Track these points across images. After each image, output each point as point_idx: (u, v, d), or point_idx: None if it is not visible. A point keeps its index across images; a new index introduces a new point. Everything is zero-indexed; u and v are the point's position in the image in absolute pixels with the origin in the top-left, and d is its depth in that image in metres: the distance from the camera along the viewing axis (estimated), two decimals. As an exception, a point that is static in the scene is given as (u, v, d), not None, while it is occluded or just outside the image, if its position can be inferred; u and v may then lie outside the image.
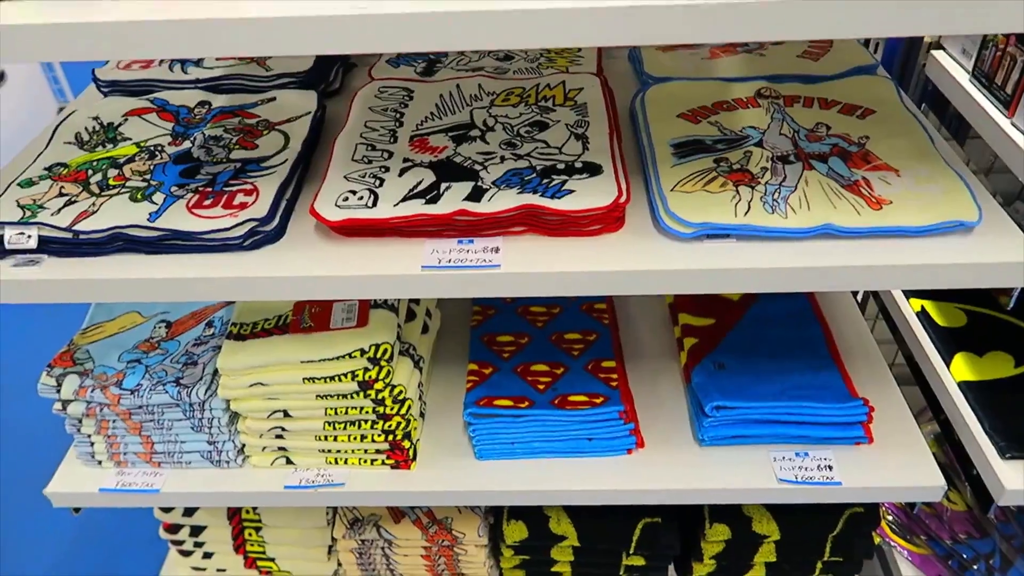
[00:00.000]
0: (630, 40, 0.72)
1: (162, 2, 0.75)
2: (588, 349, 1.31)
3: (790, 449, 1.18)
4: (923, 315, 1.42)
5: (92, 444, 1.21)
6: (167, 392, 1.13)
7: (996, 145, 1.15)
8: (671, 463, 1.19)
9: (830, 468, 1.15)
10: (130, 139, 1.11)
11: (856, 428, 1.17)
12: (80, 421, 1.18)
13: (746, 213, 0.93)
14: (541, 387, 1.24)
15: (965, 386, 1.27)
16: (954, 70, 1.27)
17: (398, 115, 1.12)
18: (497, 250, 0.93)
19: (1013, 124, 1.12)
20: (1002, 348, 1.33)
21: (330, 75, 1.26)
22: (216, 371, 1.13)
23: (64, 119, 1.16)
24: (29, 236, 0.93)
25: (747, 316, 1.34)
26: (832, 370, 1.24)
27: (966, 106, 1.22)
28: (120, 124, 1.14)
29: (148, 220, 0.94)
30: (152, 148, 1.09)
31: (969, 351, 1.33)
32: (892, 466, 1.16)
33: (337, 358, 1.08)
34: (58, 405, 1.16)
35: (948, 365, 1.32)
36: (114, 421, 1.17)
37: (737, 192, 0.96)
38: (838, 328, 1.34)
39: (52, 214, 0.96)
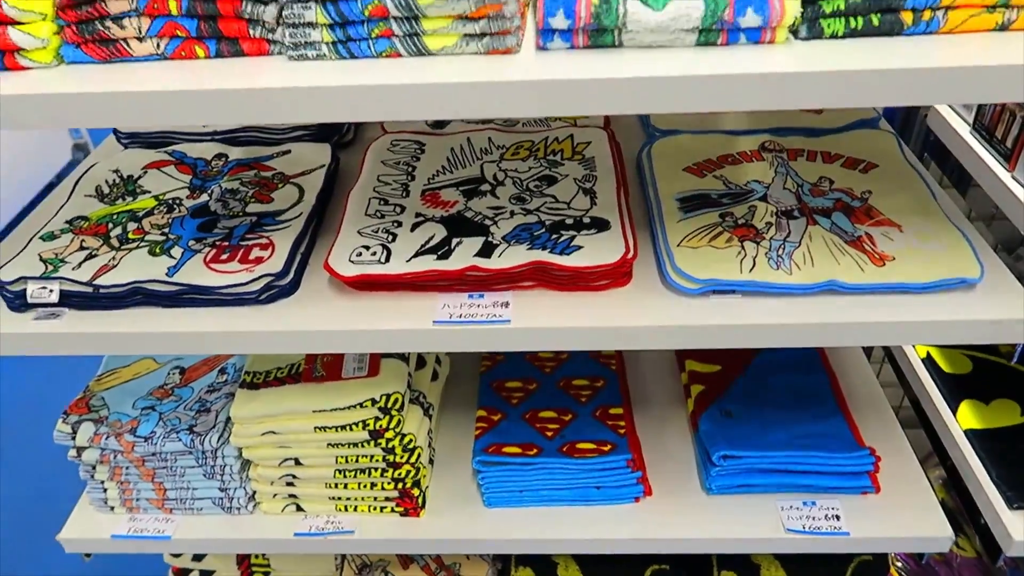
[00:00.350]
0: (636, 110, 0.74)
1: (179, 71, 0.79)
2: (596, 395, 1.33)
3: (798, 498, 1.19)
4: (929, 361, 1.43)
5: (105, 490, 1.22)
6: (180, 440, 1.14)
7: (997, 197, 1.16)
8: (679, 512, 1.19)
9: (838, 518, 1.16)
10: (149, 192, 1.14)
11: (863, 478, 1.17)
12: (94, 468, 1.19)
13: (751, 269, 0.94)
14: (549, 434, 1.25)
15: (972, 434, 1.27)
16: (955, 123, 1.29)
17: (410, 168, 1.15)
18: (507, 305, 0.94)
19: (1014, 178, 1.14)
20: (1008, 396, 1.34)
21: (343, 127, 1.29)
22: (229, 418, 1.15)
23: (86, 171, 1.19)
24: (51, 290, 0.95)
25: (754, 363, 1.35)
26: (839, 418, 1.25)
27: (967, 158, 1.24)
28: (139, 177, 1.17)
29: (166, 275, 0.96)
30: (170, 201, 1.11)
31: (975, 398, 1.34)
32: (900, 516, 1.16)
33: (348, 407, 1.10)
34: (73, 452, 1.18)
35: (954, 412, 1.33)
36: (127, 468, 1.18)
37: (742, 248, 0.98)
38: (844, 374, 1.35)
39: (73, 268, 0.98)
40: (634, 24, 0.75)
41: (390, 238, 1.00)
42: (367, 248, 0.98)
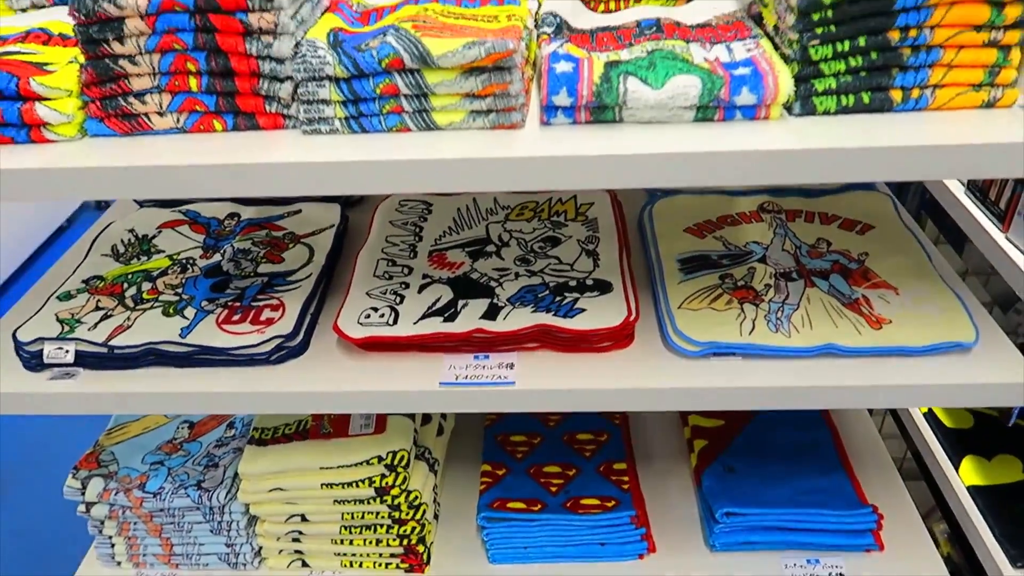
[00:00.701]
0: (638, 184, 0.77)
1: (198, 144, 0.82)
2: (600, 450, 1.34)
3: (801, 556, 1.19)
4: (930, 415, 1.44)
5: (112, 545, 1.23)
6: (188, 495, 1.15)
7: (992, 257, 1.19)
8: (683, 568, 1.19)
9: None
10: (163, 251, 1.17)
11: (866, 536, 1.18)
12: (102, 523, 1.20)
13: (751, 332, 0.96)
14: (554, 489, 1.26)
15: (975, 491, 1.28)
16: (950, 183, 1.32)
17: (417, 229, 1.18)
18: (512, 366, 0.97)
19: (1008, 238, 1.17)
20: (1010, 451, 1.35)
21: (353, 186, 1.33)
22: (236, 474, 1.16)
23: (102, 231, 1.22)
24: (67, 351, 0.98)
25: (756, 418, 1.36)
26: (841, 474, 1.25)
27: (962, 218, 1.26)
28: (154, 236, 1.20)
29: (179, 336, 0.99)
30: (184, 261, 1.14)
31: (977, 454, 1.34)
32: (904, 575, 1.16)
33: (355, 464, 1.11)
34: (82, 507, 1.19)
35: (956, 468, 1.34)
36: (135, 523, 1.19)
37: (742, 310, 1.00)
38: (846, 428, 1.36)
39: (89, 329, 1.01)
40: (634, 101, 0.78)
41: (398, 300, 1.03)
42: (375, 310, 1.01)
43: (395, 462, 1.11)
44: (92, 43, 0.80)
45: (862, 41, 0.78)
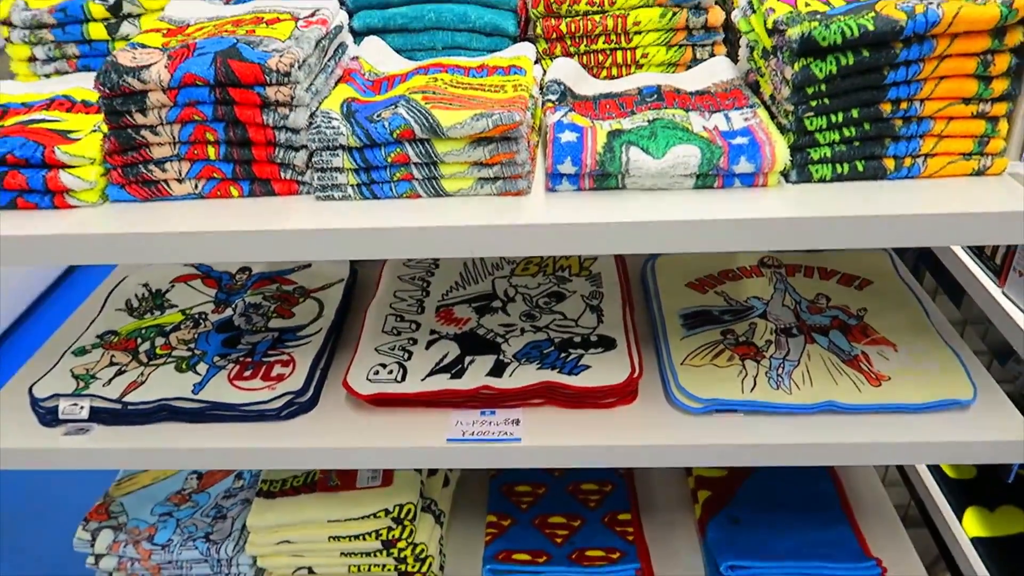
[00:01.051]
0: (640, 250, 0.80)
1: (214, 210, 0.85)
2: (604, 500, 1.35)
3: (806, 609, 1.20)
4: (934, 465, 1.44)
5: (120, 597, 1.24)
6: (196, 548, 1.16)
7: (989, 311, 1.20)
8: (688, 622, 1.20)
9: (847, 629, 1.16)
10: (176, 306, 1.20)
11: (871, 589, 1.18)
12: (111, 575, 1.21)
13: (752, 389, 0.98)
14: (559, 540, 1.27)
15: (978, 543, 1.28)
16: (946, 236, 1.34)
17: (425, 283, 1.21)
18: (518, 422, 0.98)
19: (1004, 293, 1.19)
20: (1013, 503, 1.35)
21: (361, 239, 1.36)
22: (244, 526, 1.17)
23: (117, 285, 1.25)
24: (82, 407, 1.00)
25: (760, 468, 1.37)
26: (845, 526, 1.26)
27: (960, 272, 1.28)
28: (167, 291, 1.23)
29: (192, 392, 1.01)
30: (196, 316, 1.17)
31: (980, 505, 1.35)
32: (908, 629, 1.17)
33: (362, 518, 1.12)
34: (91, 559, 1.20)
35: (960, 518, 1.34)
36: (143, 575, 1.20)
37: (743, 367, 1.02)
38: (850, 479, 1.37)
39: (103, 384, 1.03)
40: (636, 170, 0.81)
41: (406, 356, 1.05)
42: (384, 366, 1.03)
43: (402, 515, 1.12)
44: (116, 114, 0.83)
45: (855, 113, 0.81)
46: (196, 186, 0.87)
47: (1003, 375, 1.43)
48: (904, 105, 0.80)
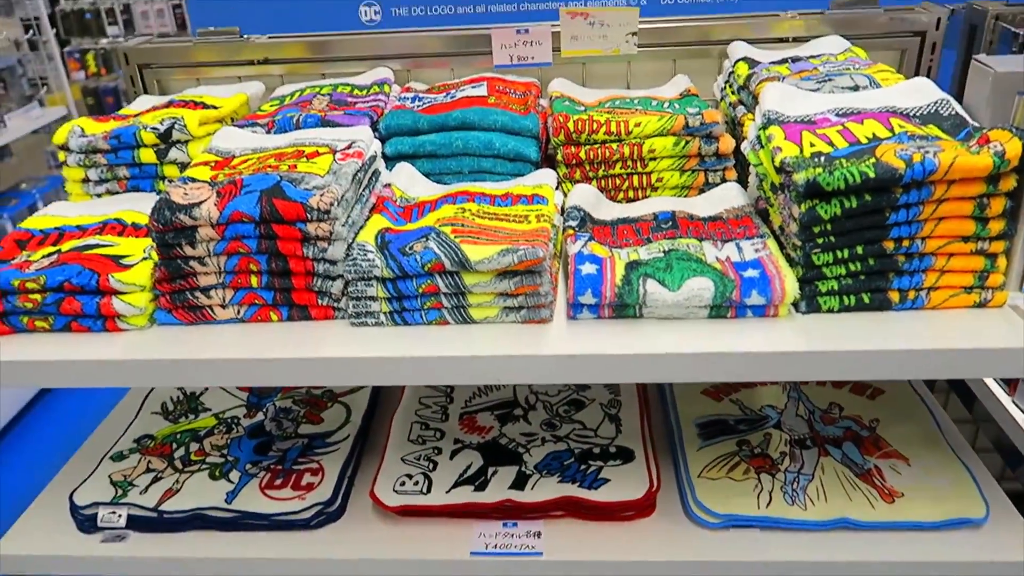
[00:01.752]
0: (658, 379, 0.84)
1: (255, 334, 0.90)
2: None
3: None
4: None
5: None
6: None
7: (1000, 419, 1.23)
8: None
9: None
10: (210, 410, 1.24)
11: None
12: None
13: (768, 504, 1.01)
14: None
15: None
16: (957, 340, 1.37)
17: (448, 389, 1.25)
18: (539, 535, 1.01)
19: (1014, 402, 1.21)
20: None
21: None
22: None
23: (152, 389, 1.30)
24: (119, 515, 1.04)
25: None
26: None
27: (972, 381, 1.31)
28: (201, 394, 1.28)
29: (225, 501, 1.04)
30: (229, 420, 1.21)
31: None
32: None
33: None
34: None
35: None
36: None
37: (759, 480, 1.05)
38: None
39: (141, 492, 1.07)
40: (653, 302, 0.86)
41: (431, 466, 1.08)
42: (410, 477, 1.06)
43: (424, 621, 1.14)
44: (167, 246, 0.90)
45: (860, 249, 0.86)
46: (239, 312, 0.92)
47: (1016, 476, 1.44)
48: (906, 243, 0.85)
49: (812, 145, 0.89)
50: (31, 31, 3.78)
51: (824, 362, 0.82)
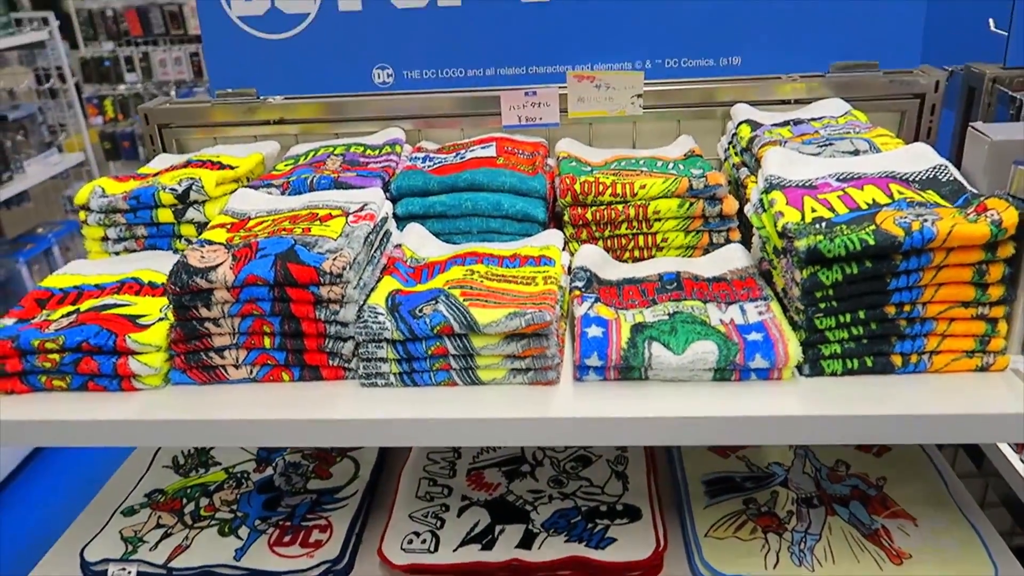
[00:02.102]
0: (662, 443, 0.85)
1: (267, 394, 0.92)
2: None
3: None
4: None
5: None
6: None
7: (1008, 476, 1.23)
8: None
9: None
10: (220, 464, 1.26)
11: None
12: None
13: (775, 565, 1.01)
14: None
15: None
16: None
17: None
18: (546, 595, 1.01)
19: (1022, 460, 1.21)
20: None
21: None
22: None
23: (164, 441, 1.32)
24: (130, 572, 1.05)
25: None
26: None
27: (978, 434, 1.31)
28: (212, 447, 1.29)
29: (234, 559, 1.05)
30: (239, 475, 1.23)
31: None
32: None
33: None
34: None
35: None
36: None
37: (766, 540, 1.05)
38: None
39: (151, 548, 1.08)
40: (658, 364, 0.87)
41: (438, 524, 1.09)
42: (417, 535, 1.07)
43: None
44: (183, 308, 0.92)
45: (862, 314, 0.87)
46: (251, 371, 0.94)
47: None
48: (907, 307, 0.86)
49: (813, 210, 0.91)
50: (51, 80, 3.88)
51: (828, 426, 0.82)
